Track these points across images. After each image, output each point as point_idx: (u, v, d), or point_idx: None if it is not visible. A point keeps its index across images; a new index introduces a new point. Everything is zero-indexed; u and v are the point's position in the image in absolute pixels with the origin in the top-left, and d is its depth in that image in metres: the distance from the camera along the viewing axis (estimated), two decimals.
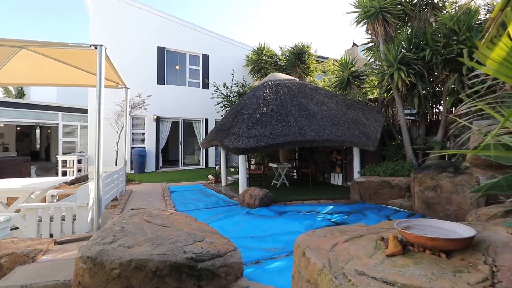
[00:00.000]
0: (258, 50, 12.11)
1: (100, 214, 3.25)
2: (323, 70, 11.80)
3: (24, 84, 7.12)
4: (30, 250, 2.42)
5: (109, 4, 10.77)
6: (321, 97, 6.70)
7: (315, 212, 4.60)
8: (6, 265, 2.36)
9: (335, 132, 5.69)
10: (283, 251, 2.97)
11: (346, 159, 6.93)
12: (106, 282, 1.51)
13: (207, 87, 12.39)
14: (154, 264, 1.58)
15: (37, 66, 5.06)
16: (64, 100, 12.57)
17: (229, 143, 5.32)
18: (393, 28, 6.21)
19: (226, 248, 2.07)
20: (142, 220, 2.15)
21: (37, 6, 45.00)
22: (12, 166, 8.63)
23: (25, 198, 3.85)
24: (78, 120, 11.05)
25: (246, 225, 3.86)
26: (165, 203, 5.11)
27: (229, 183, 7.58)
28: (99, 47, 3.29)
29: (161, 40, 11.72)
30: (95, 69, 4.91)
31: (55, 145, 13.69)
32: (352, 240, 1.67)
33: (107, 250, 1.58)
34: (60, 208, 3.28)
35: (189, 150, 13.40)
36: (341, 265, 1.36)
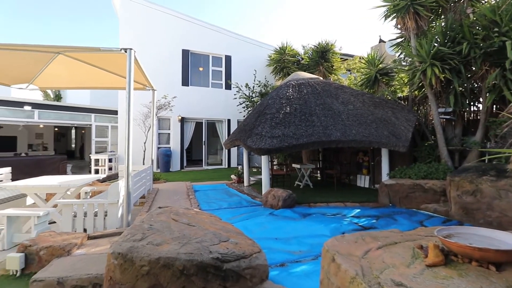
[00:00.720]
0: (280, 50, 12.01)
1: (129, 211, 3.37)
2: (348, 68, 11.44)
3: (61, 88, 7.65)
4: (66, 244, 2.56)
5: (137, 10, 11.24)
6: (347, 95, 6.48)
7: (341, 215, 4.44)
8: (45, 257, 2.52)
9: (362, 132, 5.47)
10: (309, 254, 2.89)
11: (373, 161, 6.64)
12: (135, 278, 1.54)
13: (230, 88, 12.52)
14: (181, 263, 1.59)
15: (72, 70, 5.39)
16: (97, 102, 13.33)
17: (252, 143, 5.31)
18: (425, 22, 5.84)
19: (251, 249, 2.04)
20: (169, 219, 2.19)
21: (70, 11, 48.39)
22: (50, 164, 9.28)
23: (62, 194, 4.10)
24: (109, 121, 11.65)
25: (270, 226, 3.81)
26: (189, 202, 5.22)
27: (251, 183, 7.58)
28: (129, 50, 3.42)
29: (185, 43, 12.03)
30: (125, 72, 5.14)
31: (88, 144, 14.56)
32: (386, 247, 1.56)
33: (136, 247, 1.61)
34: (93, 204, 3.45)
35: (212, 150, 13.62)
36: (375, 273, 1.27)
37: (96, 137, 11.29)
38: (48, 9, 44.45)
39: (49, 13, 45.94)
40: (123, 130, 10.81)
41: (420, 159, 5.87)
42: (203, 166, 12.31)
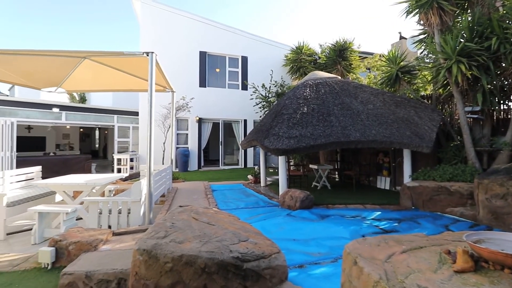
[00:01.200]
0: (297, 49, 11.93)
1: (151, 209, 3.48)
2: (368, 67, 11.16)
3: (86, 91, 8.03)
4: (93, 240, 2.69)
5: (156, 13, 11.58)
6: (366, 95, 6.32)
7: (360, 217, 4.34)
8: (73, 251, 2.66)
9: (383, 132, 5.32)
10: (328, 256, 2.85)
11: (394, 162, 6.43)
12: (159, 274, 1.59)
13: (246, 89, 12.59)
14: (202, 261, 1.62)
15: (97, 74, 5.63)
16: (119, 104, 13.86)
17: (269, 143, 5.31)
18: (450, 17, 5.59)
19: (270, 249, 2.04)
20: (189, 217, 2.24)
21: (91, 15, 50.91)
22: (76, 163, 9.77)
23: (88, 192, 4.31)
24: (130, 122, 12.08)
25: (287, 227, 3.80)
26: (208, 201, 5.30)
27: (268, 183, 7.58)
28: (150, 54, 3.53)
29: (203, 44, 12.24)
30: (146, 74, 5.31)
31: (111, 144, 15.16)
32: (411, 252, 1.52)
33: (160, 244, 1.67)
34: (117, 202, 3.60)
35: (228, 150, 13.76)
36: (400, 278, 1.23)
37: (118, 137, 11.73)
38: (71, 13, 47.08)
39: (71, 17, 48.59)
40: (143, 130, 11.18)
41: (445, 160, 5.62)
42: (219, 166, 12.46)
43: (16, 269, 2.63)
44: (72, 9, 47.79)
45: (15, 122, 8.53)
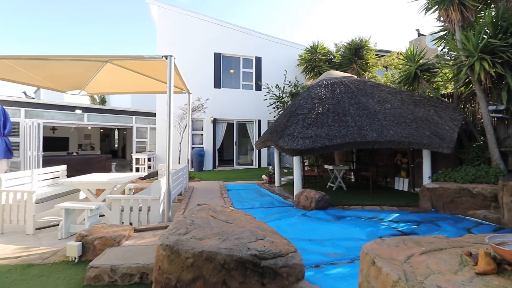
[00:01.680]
0: (311, 49, 11.83)
1: (170, 206, 3.59)
2: (385, 65, 10.91)
3: (107, 93, 8.37)
4: (116, 235, 2.82)
5: (172, 17, 11.86)
6: (383, 94, 6.20)
7: (377, 219, 4.27)
8: (98, 246, 2.79)
9: (401, 132, 5.20)
10: (344, 257, 2.84)
11: (413, 162, 6.27)
12: (181, 269, 1.66)
13: (260, 89, 12.64)
14: (222, 258, 1.68)
15: (117, 77, 5.86)
16: (137, 106, 14.30)
17: (284, 144, 5.32)
18: (472, 12, 5.38)
19: (287, 248, 2.07)
20: (208, 215, 2.31)
21: (109, 18, 53.03)
22: (97, 162, 10.17)
23: (110, 190, 4.50)
24: (148, 122, 12.43)
25: (303, 227, 3.81)
26: (223, 201, 5.39)
27: (282, 183, 7.58)
28: (169, 57, 3.65)
29: (217, 46, 12.40)
30: (163, 77, 5.47)
31: (129, 144, 15.66)
32: (431, 253, 1.50)
33: (182, 240, 1.74)
34: (138, 200, 3.74)
35: (242, 150, 13.85)
36: (419, 279, 1.23)
37: (136, 137, 12.10)
38: (85, 14, 49.29)
39: (86, 19, 50.79)
40: (160, 131, 11.48)
41: (467, 161, 5.41)
42: (234, 166, 12.58)
43: (46, 261, 2.80)
44: (87, 12, 50.08)
45: (41, 123, 9.01)
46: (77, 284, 2.31)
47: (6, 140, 7.60)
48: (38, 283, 2.36)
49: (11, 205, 4.20)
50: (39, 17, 48.30)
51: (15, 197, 4.20)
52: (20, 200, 4.19)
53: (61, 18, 49.14)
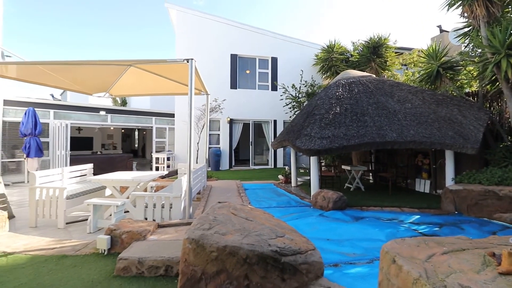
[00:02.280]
0: (328, 48, 11.70)
1: (190, 204, 3.73)
2: (405, 63, 10.61)
3: (130, 95, 8.70)
4: (142, 230, 2.98)
5: (190, 20, 12.15)
6: (404, 93, 6.06)
7: (397, 220, 4.21)
8: (126, 240, 2.96)
9: (422, 133, 5.07)
10: (363, 257, 2.84)
11: (435, 163, 6.08)
12: (206, 262, 1.76)
13: (276, 89, 12.68)
14: (244, 252, 1.76)
15: (139, 79, 6.11)
16: (156, 107, 14.76)
17: (301, 144, 5.34)
18: (498, 7, 5.15)
19: (306, 246, 2.12)
20: (229, 212, 2.40)
21: (129, 20, 55.33)
22: (120, 161, 10.62)
23: (134, 187, 4.72)
24: (167, 123, 12.80)
25: (321, 227, 3.82)
26: (241, 199, 5.49)
27: (298, 183, 7.59)
28: (190, 61, 3.79)
29: (234, 47, 12.57)
30: (183, 79, 5.64)
31: (149, 144, 16.19)
32: (453, 253, 1.50)
33: (206, 235, 1.84)
34: (161, 197, 3.91)
35: (258, 150, 13.94)
36: (441, 277, 1.25)
37: (156, 137, 12.51)
38: (107, 17, 51.65)
39: (108, 22, 53.18)
40: (179, 131, 11.80)
41: (493, 162, 5.19)
42: (250, 165, 12.69)
43: (78, 253, 3.00)
44: (109, 15, 52.72)
45: (69, 124, 9.53)
46: (108, 275, 2.47)
47: (37, 140, 8.12)
48: (72, 273, 2.55)
49: (44, 200, 4.50)
50: (63, 20, 51.20)
51: (48, 193, 4.50)
52: (52, 196, 4.49)
53: (83, 20, 51.96)
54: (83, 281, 2.37)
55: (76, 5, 52.07)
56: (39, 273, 2.56)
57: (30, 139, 7.98)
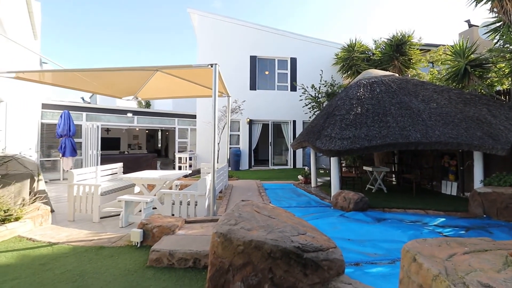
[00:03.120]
0: (348, 47, 11.53)
1: (214, 202, 3.92)
2: (431, 61, 10.21)
3: (156, 98, 9.11)
4: (171, 225, 3.19)
5: (211, 24, 12.48)
6: (429, 92, 5.90)
7: (421, 223, 4.14)
8: (156, 234, 3.19)
9: (448, 133, 4.93)
10: (385, 258, 2.86)
11: (462, 165, 5.86)
12: (233, 255, 1.90)
13: (295, 90, 12.69)
14: (268, 247, 1.88)
15: (165, 83, 6.42)
16: (178, 108, 15.30)
17: (321, 144, 5.37)
18: None
19: (327, 244, 2.20)
20: (252, 210, 2.53)
21: (153, 24, 57.90)
22: (145, 161, 11.14)
23: (161, 186, 5.00)
24: (189, 124, 13.23)
25: (341, 228, 3.85)
26: (262, 199, 5.62)
27: (318, 184, 7.59)
28: (214, 65, 3.97)
29: (253, 49, 12.75)
30: (205, 82, 5.87)
31: (172, 144, 16.78)
32: (474, 253, 1.53)
33: (233, 230, 1.98)
34: (186, 195, 4.13)
35: (277, 150, 14.02)
36: (460, 274, 1.29)
37: (178, 138, 12.97)
38: (130, 21, 54.33)
39: (131, 25, 55.93)
40: (200, 132, 12.17)
41: None
42: (269, 166, 12.80)
43: (114, 245, 3.27)
44: (137, 19, 55.82)
45: (99, 126, 10.15)
46: (142, 265, 2.70)
47: (71, 141, 8.76)
48: (110, 262, 2.80)
49: (81, 196, 4.90)
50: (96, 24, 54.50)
51: (84, 190, 4.89)
52: (88, 193, 4.87)
53: (112, 23, 55.08)
54: (120, 270, 2.60)
55: (108, 8, 55.47)
56: (81, 261, 2.84)
57: (65, 139, 8.63)
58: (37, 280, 2.45)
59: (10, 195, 4.28)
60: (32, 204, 4.35)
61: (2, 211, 3.68)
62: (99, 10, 56.15)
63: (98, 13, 54.69)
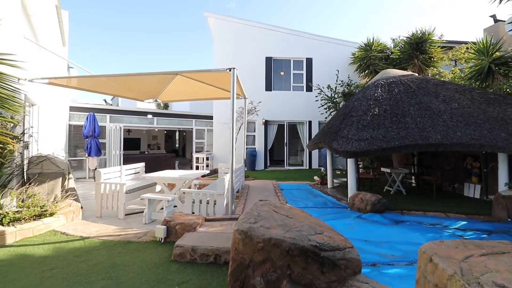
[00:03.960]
0: (365, 46, 11.34)
1: (233, 201, 4.06)
2: (454, 59, 9.87)
3: (176, 100, 9.42)
4: (192, 222, 3.35)
5: (227, 27, 12.70)
6: (450, 92, 5.75)
7: (441, 225, 4.07)
8: (179, 230, 3.36)
9: (471, 134, 4.79)
10: (402, 259, 2.86)
11: (486, 167, 5.66)
12: (253, 251, 2.01)
13: (311, 90, 12.65)
14: (287, 245, 1.97)
15: (184, 86, 6.65)
16: (194, 110, 15.67)
17: (338, 146, 5.38)
18: None
19: (344, 244, 2.26)
20: (270, 209, 2.63)
21: (168, 26, 59.66)
22: (164, 161, 11.53)
23: (181, 185, 5.21)
24: (205, 125, 13.54)
25: (358, 229, 3.87)
26: (278, 199, 5.71)
27: (335, 185, 7.56)
28: (232, 69, 4.11)
29: (268, 50, 12.84)
30: (222, 85, 6.02)
31: (189, 145, 17.20)
32: (491, 255, 1.55)
33: (253, 228, 2.09)
34: (206, 194, 4.30)
35: (293, 151, 14.02)
36: (475, 275, 1.33)
37: (196, 138, 13.30)
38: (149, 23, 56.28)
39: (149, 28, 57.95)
40: (217, 133, 12.41)
41: None
42: (284, 166, 12.85)
43: (140, 240, 3.49)
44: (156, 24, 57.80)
45: (122, 127, 10.64)
46: (166, 259, 2.87)
47: (96, 141, 9.22)
48: (137, 255, 3.00)
49: (108, 194, 5.20)
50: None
51: (111, 188, 5.19)
52: (114, 191, 5.17)
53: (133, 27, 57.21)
54: (147, 263, 2.79)
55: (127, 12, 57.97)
56: (111, 254, 3.06)
57: (91, 140, 9.11)
58: (73, 271, 2.68)
59: (45, 192, 4.64)
60: (64, 200, 4.69)
61: (39, 207, 4.00)
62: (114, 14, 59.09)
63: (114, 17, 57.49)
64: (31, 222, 3.70)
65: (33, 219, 3.77)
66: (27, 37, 5.13)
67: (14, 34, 4.56)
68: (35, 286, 2.39)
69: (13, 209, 3.81)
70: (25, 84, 4.46)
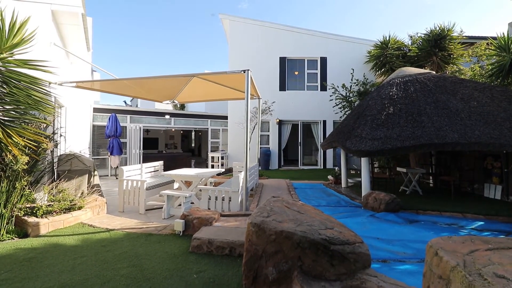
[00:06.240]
0: (381, 44, 11.15)
1: (247, 198, 4.20)
2: (474, 55, 9.52)
3: (192, 101, 9.71)
4: (209, 217, 3.53)
5: (242, 28, 12.89)
6: (468, 90, 5.61)
7: (457, 226, 4.02)
8: (196, 224, 3.55)
9: (489, 133, 4.68)
10: (414, 257, 2.90)
11: (507, 167, 5.48)
12: (266, 243, 2.14)
13: (325, 89, 12.60)
14: (298, 238, 2.09)
15: (200, 87, 6.88)
16: (210, 110, 16.01)
17: (351, 145, 5.40)
18: None
19: (354, 239, 2.34)
20: (282, 205, 2.75)
21: (181, 27, 60.78)
22: (181, 159, 11.89)
23: (197, 182, 5.42)
24: (220, 125, 13.81)
25: (371, 227, 3.90)
26: (291, 197, 5.80)
27: (349, 185, 7.54)
28: (247, 71, 4.25)
29: (282, 50, 12.91)
30: (237, 86, 6.19)
31: (204, 144, 17.57)
32: (497, 250, 1.59)
33: (266, 221, 2.22)
34: (221, 191, 4.48)
35: (307, 150, 14.01)
36: (478, 267, 1.39)
37: (211, 138, 13.60)
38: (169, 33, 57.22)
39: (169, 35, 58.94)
40: (232, 132, 12.64)
41: None
42: (298, 166, 12.87)
43: (160, 233, 3.71)
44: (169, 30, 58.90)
45: (141, 127, 11.08)
46: (185, 250, 3.06)
47: (118, 141, 9.68)
48: (158, 247, 3.21)
49: (129, 190, 5.50)
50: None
51: (133, 184, 5.48)
52: (135, 187, 5.46)
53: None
54: (167, 254, 2.99)
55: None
56: (134, 245, 3.29)
57: (113, 140, 9.57)
58: (101, 259, 2.92)
59: (73, 188, 4.99)
60: (90, 196, 5.02)
61: (68, 201, 4.33)
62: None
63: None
64: (61, 214, 4.02)
65: (63, 212, 4.10)
66: (56, 44, 5.53)
67: (45, 41, 4.95)
68: (69, 271, 2.64)
69: (45, 203, 4.16)
70: (55, 87, 4.83)
